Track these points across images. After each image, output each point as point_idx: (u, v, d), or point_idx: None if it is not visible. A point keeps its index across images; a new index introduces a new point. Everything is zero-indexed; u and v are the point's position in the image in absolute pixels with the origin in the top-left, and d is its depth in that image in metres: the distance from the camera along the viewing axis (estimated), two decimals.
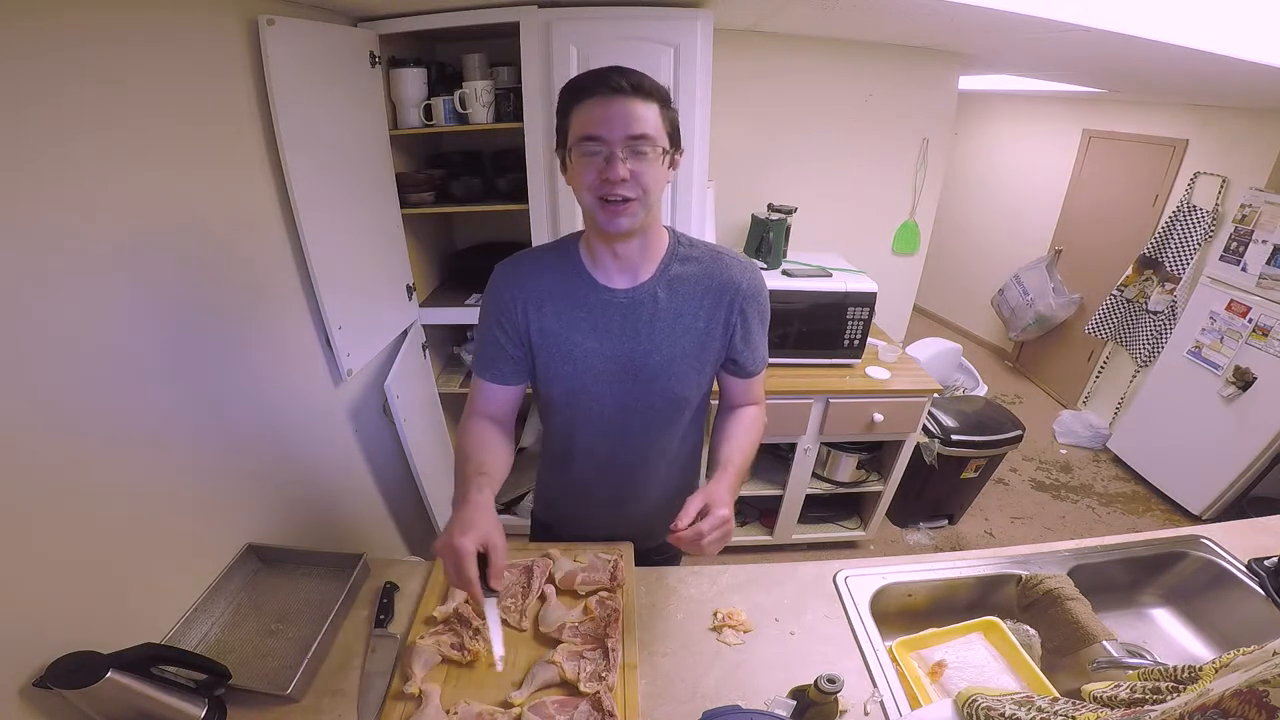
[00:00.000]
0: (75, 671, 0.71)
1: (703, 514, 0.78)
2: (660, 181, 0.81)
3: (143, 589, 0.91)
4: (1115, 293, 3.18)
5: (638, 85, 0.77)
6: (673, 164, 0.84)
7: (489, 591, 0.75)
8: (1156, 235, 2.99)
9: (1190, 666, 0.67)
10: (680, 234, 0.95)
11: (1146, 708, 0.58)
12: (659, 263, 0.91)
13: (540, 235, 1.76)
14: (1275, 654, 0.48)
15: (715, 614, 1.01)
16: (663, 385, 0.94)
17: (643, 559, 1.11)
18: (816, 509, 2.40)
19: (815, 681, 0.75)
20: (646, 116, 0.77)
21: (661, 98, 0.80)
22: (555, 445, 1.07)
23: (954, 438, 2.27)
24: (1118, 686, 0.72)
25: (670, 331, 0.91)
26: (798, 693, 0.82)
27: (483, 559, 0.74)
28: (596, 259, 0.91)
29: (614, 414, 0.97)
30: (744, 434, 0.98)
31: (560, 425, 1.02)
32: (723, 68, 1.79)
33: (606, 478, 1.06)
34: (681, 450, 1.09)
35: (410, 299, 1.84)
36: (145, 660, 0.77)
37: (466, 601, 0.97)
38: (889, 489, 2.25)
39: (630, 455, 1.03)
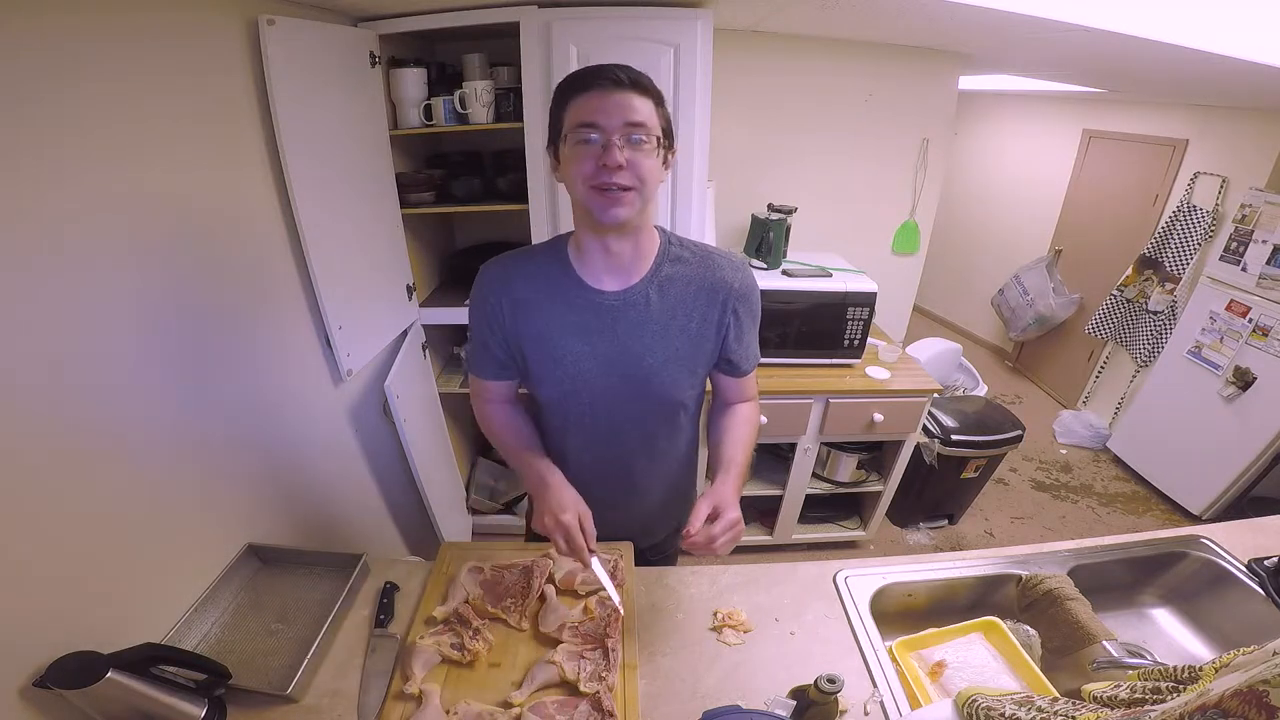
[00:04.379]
0: (75, 671, 0.71)
1: (712, 517, 0.81)
2: (656, 175, 0.81)
3: (143, 589, 0.91)
4: (1115, 293, 3.18)
5: (635, 80, 0.78)
6: (666, 163, 0.83)
7: (592, 553, 0.86)
8: (1156, 235, 2.99)
9: (1190, 667, 0.67)
10: (671, 234, 0.93)
11: (1146, 708, 0.58)
12: (650, 264, 0.89)
13: (540, 235, 1.76)
14: (1275, 654, 0.48)
15: (715, 614, 1.01)
16: (656, 388, 0.93)
17: (639, 558, 1.11)
18: (816, 509, 2.40)
19: (815, 681, 0.75)
20: (643, 109, 0.78)
21: (657, 96, 0.81)
22: (550, 446, 1.07)
23: (954, 438, 2.27)
24: (1118, 686, 0.72)
25: (663, 334, 0.90)
26: (798, 693, 0.82)
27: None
28: (586, 260, 0.89)
29: (607, 416, 0.96)
30: (742, 432, 0.98)
31: (554, 427, 1.01)
32: (723, 67, 1.79)
33: (602, 479, 1.05)
34: (677, 450, 1.09)
35: (410, 299, 1.84)
36: (145, 660, 0.78)
37: (467, 601, 0.98)
38: (889, 489, 2.25)
39: (625, 457, 1.03)
